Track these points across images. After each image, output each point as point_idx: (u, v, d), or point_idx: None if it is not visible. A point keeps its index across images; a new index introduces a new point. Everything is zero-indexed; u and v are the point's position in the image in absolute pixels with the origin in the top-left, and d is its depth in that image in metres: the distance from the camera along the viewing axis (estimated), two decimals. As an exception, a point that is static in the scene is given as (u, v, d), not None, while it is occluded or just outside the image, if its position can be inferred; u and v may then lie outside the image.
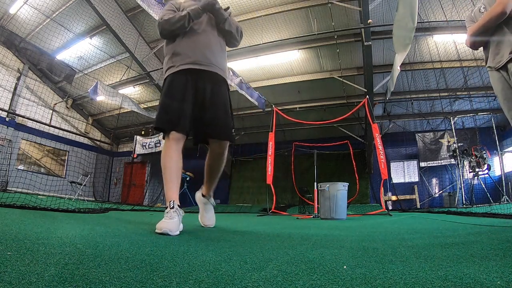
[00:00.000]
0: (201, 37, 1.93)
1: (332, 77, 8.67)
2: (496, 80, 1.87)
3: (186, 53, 1.88)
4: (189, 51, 1.88)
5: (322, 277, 0.73)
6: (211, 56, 1.90)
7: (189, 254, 0.97)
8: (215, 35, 2.01)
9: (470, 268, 0.79)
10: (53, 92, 11.23)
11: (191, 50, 1.88)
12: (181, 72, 1.85)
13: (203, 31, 1.95)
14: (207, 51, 1.90)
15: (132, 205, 7.01)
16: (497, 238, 1.40)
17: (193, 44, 1.90)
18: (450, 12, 6.31)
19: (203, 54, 1.88)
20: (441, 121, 9.91)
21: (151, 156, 12.30)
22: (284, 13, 7.14)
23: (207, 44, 1.92)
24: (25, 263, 0.71)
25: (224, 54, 2.04)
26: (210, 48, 1.92)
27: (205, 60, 1.88)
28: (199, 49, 1.89)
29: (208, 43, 1.94)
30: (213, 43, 1.96)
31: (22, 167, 10.43)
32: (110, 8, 7.00)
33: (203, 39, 1.93)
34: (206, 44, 1.92)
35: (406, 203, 9.67)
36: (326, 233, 1.89)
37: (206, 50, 1.90)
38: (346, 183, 4.57)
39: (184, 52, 1.88)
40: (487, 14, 1.79)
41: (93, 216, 2.58)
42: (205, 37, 1.94)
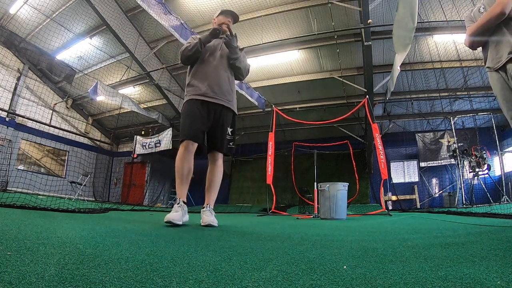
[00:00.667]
0: (212, 72, 2.35)
1: (332, 77, 8.67)
2: (495, 80, 1.87)
3: (198, 86, 2.32)
4: (200, 84, 2.32)
5: (322, 277, 0.73)
6: (218, 91, 2.33)
7: (189, 254, 0.97)
8: (225, 70, 2.41)
9: (470, 268, 0.79)
10: (53, 92, 11.23)
11: (202, 83, 2.32)
12: (198, 101, 2.29)
13: (214, 66, 2.37)
14: (215, 86, 2.32)
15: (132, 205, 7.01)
16: (497, 238, 1.40)
17: (205, 78, 2.33)
18: (450, 12, 6.31)
19: (212, 88, 2.31)
20: (441, 121, 9.91)
21: (151, 156, 12.31)
22: (284, 13, 7.14)
23: (216, 79, 2.34)
24: (25, 263, 0.71)
25: (231, 86, 2.44)
26: (218, 83, 2.33)
27: (212, 94, 2.31)
28: (208, 84, 2.31)
29: (217, 78, 2.35)
30: (222, 77, 2.37)
31: (22, 167, 10.43)
32: (110, 8, 7.00)
33: (213, 74, 2.34)
34: (215, 79, 2.34)
35: (406, 203, 9.67)
36: (326, 233, 1.89)
37: (214, 85, 2.32)
38: (346, 183, 4.57)
39: (196, 84, 2.33)
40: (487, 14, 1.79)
41: (93, 216, 2.58)
42: (215, 73, 2.35)
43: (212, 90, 2.31)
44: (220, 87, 2.35)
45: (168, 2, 6.77)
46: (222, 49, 2.46)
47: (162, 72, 8.97)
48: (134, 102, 9.90)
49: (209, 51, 2.44)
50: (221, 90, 2.35)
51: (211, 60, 2.39)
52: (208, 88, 2.31)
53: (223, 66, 2.41)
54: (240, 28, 7.66)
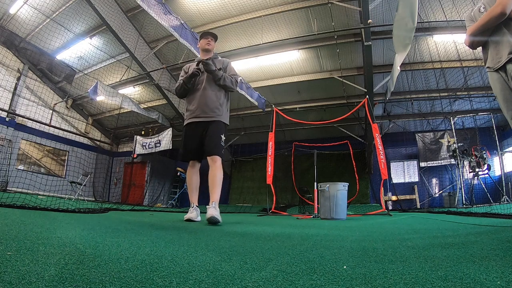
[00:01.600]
0: (201, 95, 2.82)
1: (332, 77, 8.67)
2: (495, 80, 1.87)
3: (191, 110, 2.85)
4: (193, 107, 2.84)
5: (322, 277, 0.73)
6: (207, 109, 2.78)
7: (189, 254, 0.97)
8: (212, 89, 2.82)
9: (470, 268, 0.79)
10: (53, 92, 11.21)
11: (193, 106, 2.83)
12: (190, 124, 2.85)
13: (202, 88, 2.82)
14: (204, 106, 2.79)
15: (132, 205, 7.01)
16: (497, 238, 1.40)
17: (195, 101, 2.83)
18: (450, 12, 6.31)
19: (201, 109, 2.79)
20: (441, 121, 9.91)
21: (151, 156, 12.31)
22: (284, 13, 7.13)
23: (203, 101, 2.80)
24: (25, 263, 0.71)
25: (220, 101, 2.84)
26: (206, 103, 2.79)
27: (202, 114, 2.79)
28: (198, 106, 2.80)
29: (204, 99, 2.80)
30: (209, 97, 2.80)
31: (22, 167, 10.43)
32: (110, 8, 7.00)
33: (201, 97, 2.81)
34: (203, 101, 2.80)
35: (406, 203, 9.67)
36: (326, 233, 1.89)
37: (203, 106, 2.79)
38: (346, 183, 4.57)
39: (190, 109, 2.86)
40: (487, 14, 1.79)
41: (93, 216, 2.58)
42: (202, 95, 2.81)
43: (202, 110, 2.78)
44: (208, 106, 2.79)
45: (168, 2, 6.77)
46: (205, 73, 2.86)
47: (162, 72, 8.97)
48: (134, 102, 9.90)
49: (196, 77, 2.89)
50: (210, 108, 2.79)
51: (199, 84, 2.85)
52: (199, 109, 2.79)
53: (210, 86, 2.82)
54: (240, 28, 7.67)
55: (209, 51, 2.95)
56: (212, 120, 2.78)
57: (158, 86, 9.00)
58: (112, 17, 7.09)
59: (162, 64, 8.70)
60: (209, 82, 2.82)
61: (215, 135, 2.75)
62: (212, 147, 2.72)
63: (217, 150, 2.72)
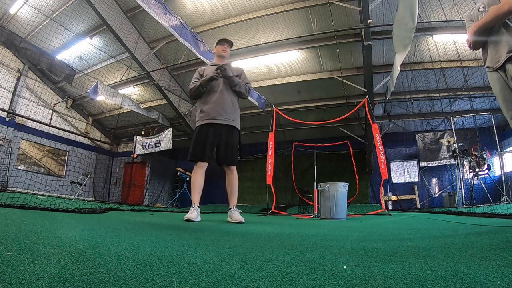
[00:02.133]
0: (218, 98, 2.89)
1: (332, 77, 8.67)
2: (495, 80, 1.87)
3: (207, 111, 2.88)
4: (209, 109, 2.87)
5: (322, 277, 0.73)
6: (223, 113, 2.87)
7: (189, 254, 0.97)
8: (229, 94, 2.93)
9: (470, 268, 0.79)
10: (53, 92, 11.22)
11: (210, 109, 2.87)
12: (204, 125, 2.87)
13: (219, 92, 2.90)
14: (221, 109, 2.87)
15: (132, 205, 7.01)
16: (497, 238, 1.40)
17: (212, 104, 2.88)
18: (451, 12, 6.31)
19: (218, 112, 2.86)
20: (441, 121, 9.91)
21: (151, 156, 12.31)
22: (284, 13, 7.13)
23: (221, 104, 2.88)
24: (25, 263, 0.71)
25: (235, 107, 2.97)
26: (223, 107, 2.88)
27: (219, 116, 2.86)
28: (215, 108, 2.86)
29: (222, 102, 2.88)
30: (226, 101, 2.90)
31: (22, 167, 10.43)
32: (110, 8, 7.00)
33: (218, 100, 2.88)
34: (220, 103, 2.88)
35: (406, 203, 9.67)
36: (326, 233, 1.89)
37: (220, 109, 2.86)
38: (346, 183, 4.57)
39: (205, 110, 2.89)
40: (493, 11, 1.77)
41: (93, 216, 2.58)
42: (220, 98, 2.89)
43: (218, 113, 2.85)
44: (224, 109, 2.87)
45: (168, 2, 6.77)
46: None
47: (162, 72, 8.97)
48: (134, 102, 9.90)
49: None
50: (225, 111, 2.88)
51: (216, 87, 2.92)
52: (214, 111, 2.85)
53: (226, 91, 2.92)
54: (240, 28, 7.67)
55: (224, 58, 3.08)
56: (229, 124, 2.88)
57: (158, 86, 9.00)
58: (112, 17, 7.09)
59: (162, 64, 8.70)
60: (225, 87, 2.93)
61: (233, 146, 2.90)
62: (230, 158, 2.89)
63: (235, 160, 2.92)
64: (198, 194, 2.87)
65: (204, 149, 2.82)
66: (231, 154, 2.89)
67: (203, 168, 2.87)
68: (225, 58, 3.09)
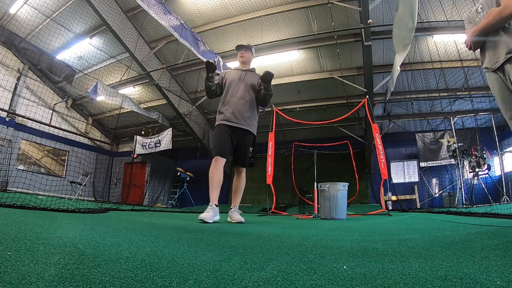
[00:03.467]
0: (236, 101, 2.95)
1: (332, 77, 8.66)
2: (493, 81, 1.87)
3: (224, 114, 2.96)
4: (226, 112, 2.96)
5: (322, 277, 0.73)
6: (240, 117, 2.94)
7: (189, 254, 0.97)
8: (248, 98, 2.99)
9: (470, 268, 0.79)
10: (53, 92, 11.21)
11: (227, 111, 2.95)
12: (222, 125, 2.95)
13: (239, 97, 2.96)
14: (238, 113, 2.94)
15: (132, 205, 7.01)
16: (497, 238, 1.40)
17: (229, 107, 2.96)
18: (451, 12, 6.31)
19: (235, 115, 2.93)
20: (441, 121, 9.91)
21: (151, 156, 12.30)
22: (284, 13, 7.13)
23: (238, 109, 2.94)
24: (25, 263, 0.71)
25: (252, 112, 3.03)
26: (240, 111, 2.94)
27: (235, 120, 2.94)
28: (232, 112, 2.93)
29: (239, 107, 2.95)
30: (244, 106, 2.96)
31: (22, 167, 10.43)
32: (110, 8, 7.00)
33: (236, 103, 2.95)
34: (238, 108, 2.94)
35: (406, 203, 9.66)
36: (326, 233, 1.89)
37: (237, 113, 2.93)
38: (346, 183, 4.57)
39: (224, 111, 2.98)
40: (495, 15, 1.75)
41: (93, 216, 2.58)
42: (238, 102, 2.96)
43: (235, 117, 2.92)
44: (242, 114, 2.94)
45: (168, 2, 6.76)
46: (245, 80, 3.02)
47: (162, 72, 8.97)
48: (134, 102, 9.90)
49: (234, 83, 3.03)
50: (243, 116, 2.95)
51: (235, 91, 2.99)
52: (232, 115, 2.92)
53: (245, 95, 2.98)
54: (240, 28, 7.67)
55: (245, 63, 3.16)
56: (245, 129, 2.97)
57: (158, 86, 8.99)
58: (112, 17, 7.09)
59: (162, 64, 8.70)
60: (245, 91, 2.99)
61: (248, 149, 3.03)
62: (244, 159, 3.02)
63: (247, 163, 3.06)
64: (217, 191, 2.78)
65: (225, 146, 2.88)
66: (245, 156, 3.02)
67: (221, 164, 2.86)
68: (246, 63, 3.15)
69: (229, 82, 3.05)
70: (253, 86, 3.03)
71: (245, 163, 3.04)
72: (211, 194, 2.77)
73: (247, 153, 3.03)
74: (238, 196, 3.03)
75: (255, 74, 3.12)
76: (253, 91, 3.03)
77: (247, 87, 3.00)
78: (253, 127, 3.05)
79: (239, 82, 3.02)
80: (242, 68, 3.14)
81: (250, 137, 3.04)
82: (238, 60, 3.18)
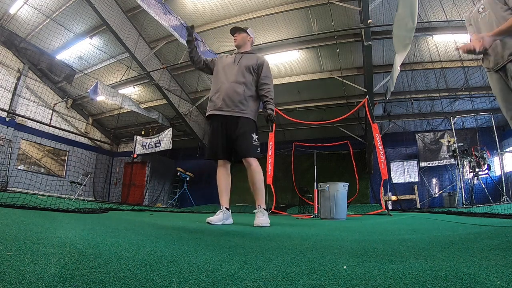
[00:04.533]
0: (228, 87, 2.63)
1: (332, 77, 8.67)
2: (495, 81, 1.86)
3: (215, 102, 2.66)
4: (217, 99, 2.65)
5: (322, 277, 0.73)
6: (231, 104, 2.60)
7: (189, 254, 0.97)
8: (242, 82, 2.65)
9: (470, 268, 0.79)
10: (53, 92, 11.22)
11: (218, 98, 2.64)
12: (212, 116, 2.66)
13: (232, 81, 2.64)
14: (229, 100, 2.60)
15: (132, 205, 7.01)
16: (497, 238, 1.40)
17: (219, 93, 2.65)
18: (451, 12, 6.31)
19: (225, 103, 2.60)
20: (441, 121, 9.91)
21: (151, 156, 12.30)
22: (284, 13, 7.13)
23: (229, 94, 2.61)
24: (25, 263, 0.71)
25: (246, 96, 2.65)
26: (232, 97, 2.60)
27: (226, 108, 2.60)
28: (223, 98, 2.61)
29: (231, 93, 2.61)
30: (235, 92, 2.61)
31: (22, 167, 10.43)
32: (110, 8, 7.00)
33: (228, 89, 2.63)
34: (228, 94, 2.61)
35: (406, 203, 9.67)
36: (326, 233, 1.89)
37: (228, 99, 2.60)
38: (346, 183, 4.56)
39: (213, 100, 2.69)
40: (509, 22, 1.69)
41: (93, 216, 2.58)
42: (230, 87, 2.63)
43: (226, 104, 2.60)
44: (233, 99, 2.59)
45: (168, 2, 6.76)
46: (240, 62, 2.73)
47: (162, 72, 8.97)
48: (134, 102, 9.90)
49: (227, 67, 2.74)
50: (234, 102, 2.59)
51: (229, 75, 2.69)
52: (223, 102, 2.60)
53: (239, 78, 2.65)
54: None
55: (240, 47, 2.90)
56: (238, 116, 2.60)
57: (158, 86, 9.00)
58: (112, 17, 7.09)
59: (162, 64, 8.70)
60: (239, 75, 2.68)
61: (246, 135, 2.57)
62: (243, 148, 2.56)
63: (250, 151, 2.56)
64: (225, 195, 2.64)
65: (218, 146, 2.61)
66: (244, 144, 2.56)
67: (224, 167, 2.66)
68: (241, 47, 2.89)
69: (222, 67, 2.77)
70: (249, 68, 2.70)
71: (248, 151, 2.57)
72: (220, 198, 2.63)
73: (245, 141, 2.57)
74: (257, 193, 2.60)
75: (252, 56, 2.81)
76: (249, 73, 2.69)
77: (241, 70, 2.69)
78: (248, 112, 2.63)
79: (233, 65, 2.73)
80: (239, 51, 2.89)
81: (246, 124, 2.60)
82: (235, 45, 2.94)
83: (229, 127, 2.60)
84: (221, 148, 2.61)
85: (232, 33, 2.96)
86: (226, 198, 2.64)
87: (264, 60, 2.81)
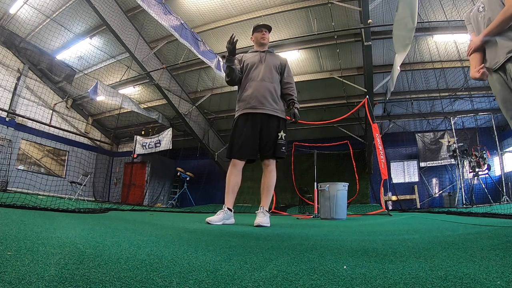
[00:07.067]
0: (258, 85, 2.65)
1: (332, 77, 8.67)
2: (494, 81, 1.86)
3: (246, 100, 2.65)
4: (248, 98, 2.64)
5: (322, 277, 0.73)
6: (265, 101, 2.62)
7: (189, 254, 0.97)
8: (271, 80, 2.69)
9: (470, 268, 0.79)
10: (53, 92, 11.22)
11: (250, 97, 2.63)
12: (243, 115, 2.64)
13: (260, 79, 2.66)
14: (262, 97, 2.62)
15: (132, 205, 7.01)
16: (497, 238, 1.40)
17: (251, 92, 2.64)
18: (451, 12, 6.31)
19: (258, 100, 2.61)
20: (441, 121, 9.91)
21: (151, 156, 12.30)
22: (284, 13, 7.13)
23: (261, 92, 2.63)
24: (25, 263, 0.71)
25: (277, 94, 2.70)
26: (264, 95, 2.63)
27: (259, 105, 2.61)
28: (255, 97, 2.62)
29: (262, 91, 2.63)
30: (267, 90, 2.64)
31: (22, 167, 10.43)
32: (110, 8, 7.00)
33: (258, 87, 2.64)
34: (261, 92, 2.63)
35: (406, 203, 9.66)
36: (326, 233, 1.89)
37: (261, 97, 2.62)
38: (346, 183, 4.56)
39: (245, 99, 2.66)
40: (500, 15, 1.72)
41: (93, 216, 2.58)
42: (260, 85, 2.65)
43: (258, 101, 2.61)
44: (265, 97, 2.62)
45: (168, 2, 6.76)
46: (267, 61, 2.74)
47: (162, 72, 8.97)
48: (134, 102, 9.89)
49: (253, 66, 2.73)
50: (267, 99, 2.62)
51: (256, 74, 2.69)
52: (255, 100, 2.61)
53: (268, 77, 2.68)
54: (240, 28, 7.66)
55: (264, 45, 2.83)
56: (272, 114, 2.62)
57: (158, 86, 9.00)
58: (112, 17, 7.09)
59: (162, 64, 8.70)
60: (267, 73, 2.69)
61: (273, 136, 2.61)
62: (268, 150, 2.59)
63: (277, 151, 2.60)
64: (231, 196, 2.58)
65: (241, 146, 2.56)
66: (269, 146, 2.59)
67: (238, 167, 2.59)
68: (265, 45, 2.83)
69: (249, 66, 2.74)
70: (276, 67, 2.73)
71: (270, 153, 2.59)
72: (226, 198, 2.57)
73: (271, 141, 2.59)
74: (266, 196, 2.62)
75: (275, 55, 2.84)
76: (276, 72, 2.73)
77: (269, 68, 2.70)
78: (279, 111, 2.67)
79: (260, 64, 2.71)
80: (260, 49, 2.83)
81: (275, 123, 2.64)
82: (258, 42, 2.82)
83: (263, 126, 2.60)
84: (252, 148, 2.59)
85: (260, 29, 2.83)
86: (231, 199, 2.57)
87: (286, 59, 2.88)
